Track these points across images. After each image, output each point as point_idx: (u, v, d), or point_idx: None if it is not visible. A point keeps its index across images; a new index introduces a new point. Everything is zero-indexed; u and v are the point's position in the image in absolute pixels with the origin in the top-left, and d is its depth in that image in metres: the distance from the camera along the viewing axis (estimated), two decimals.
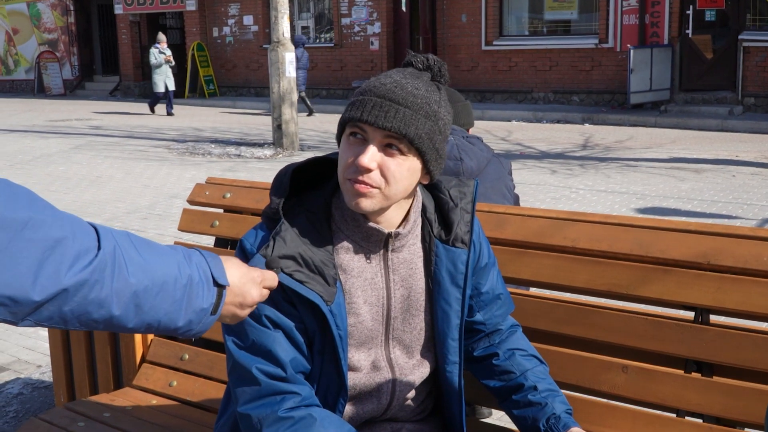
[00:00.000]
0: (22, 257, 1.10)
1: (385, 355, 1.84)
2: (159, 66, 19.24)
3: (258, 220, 2.83)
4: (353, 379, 1.82)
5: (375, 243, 1.76)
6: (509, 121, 16.83)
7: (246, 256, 1.72)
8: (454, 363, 1.87)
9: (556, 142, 13.65)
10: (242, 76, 23.96)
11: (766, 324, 2.06)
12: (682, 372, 2.03)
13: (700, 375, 2.02)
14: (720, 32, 16.63)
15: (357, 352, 1.81)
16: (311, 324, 1.71)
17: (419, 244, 1.82)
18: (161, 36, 19.70)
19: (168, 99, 19.59)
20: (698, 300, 1.99)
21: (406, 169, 1.66)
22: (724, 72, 16.29)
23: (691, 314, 2.04)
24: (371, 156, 1.63)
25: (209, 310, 1.37)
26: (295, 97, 13.28)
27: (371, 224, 1.73)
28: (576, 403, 2.07)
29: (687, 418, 2.02)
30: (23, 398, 4.03)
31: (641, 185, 9.45)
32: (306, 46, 21.74)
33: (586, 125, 16.09)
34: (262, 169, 11.40)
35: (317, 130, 15.99)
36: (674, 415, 2.03)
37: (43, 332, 4.81)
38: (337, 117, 18.62)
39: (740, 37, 15.90)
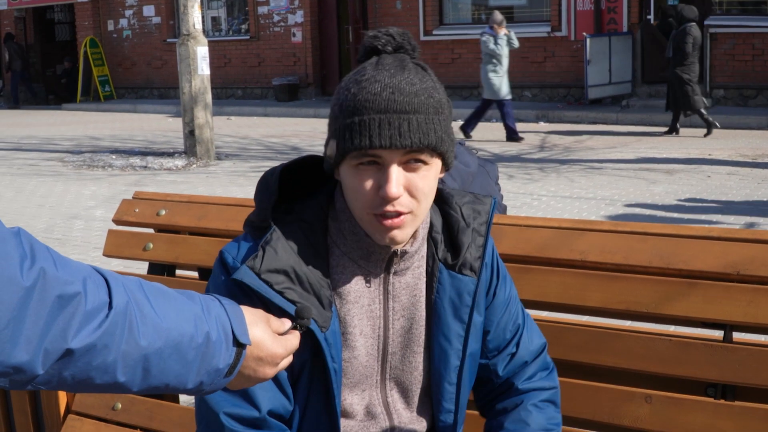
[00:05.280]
0: (30, 322, 1.10)
1: (382, 399, 1.78)
2: (499, 59, 13.73)
3: (200, 240, 2.76)
4: (344, 428, 1.75)
5: (376, 263, 1.70)
6: (455, 120, 16.92)
7: (227, 271, 1.66)
8: (448, 412, 1.79)
9: (510, 143, 13.78)
10: (143, 75, 23.65)
11: None
12: (712, 399, 2.03)
13: (733, 401, 2.01)
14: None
15: (350, 394, 1.75)
16: (300, 354, 1.63)
17: (424, 267, 1.77)
18: (497, 16, 14.05)
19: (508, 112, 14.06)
20: (729, 316, 2.00)
21: (432, 179, 1.63)
22: None
23: (720, 333, 2.04)
24: (397, 181, 1.57)
25: (224, 371, 1.35)
26: (209, 97, 13.14)
27: (374, 240, 1.67)
28: None
29: None
30: None
31: (609, 189, 9.60)
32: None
33: (541, 123, 16.31)
34: (175, 182, 11.23)
35: (235, 136, 15.85)
36: None
37: None
38: (256, 120, 18.55)
39: (706, 22, 16.30)
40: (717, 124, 13.55)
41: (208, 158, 13.06)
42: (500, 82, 13.69)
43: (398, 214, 1.58)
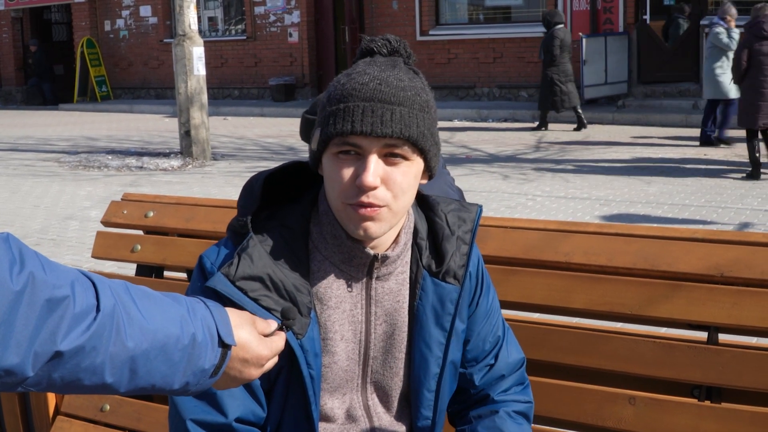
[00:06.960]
0: (20, 326, 1.12)
1: (362, 402, 1.79)
2: (728, 56, 11.96)
3: (188, 242, 2.76)
4: (324, 431, 1.76)
5: (357, 267, 1.70)
6: (450, 120, 16.94)
7: (205, 275, 1.67)
8: (426, 419, 1.80)
9: (506, 143, 13.81)
10: (140, 75, 23.62)
11: None
12: (696, 401, 2.03)
13: (719, 403, 2.02)
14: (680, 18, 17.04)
15: (330, 399, 1.75)
16: (277, 361, 1.64)
17: (408, 273, 1.77)
18: (732, 8, 12.48)
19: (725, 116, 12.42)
20: (713, 318, 2.00)
21: (412, 177, 1.62)
22: (686, 61, 16.67)
23: (704, 335, 2.04)
24: (374, 171, 1.56)
25: (210, 371, 1.36)
26: (205, 98, 13.14)
27: (355, 244, 1.67)
28: None
29: None
30: None
31: (604, 189, 9.60)
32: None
33: (537, 123, 16.28)
34: (170, 183, 11.23)
35: (231, 136, 15.85)
36: None
37: None
38: (252, 120, 18.54)
39: (702, 22, 16.30)
40: (586, 124, 14.86)
41: (204, 158, 13.05)
42: (728, 80, 11.85)
43: (373, 206, 1.58)
